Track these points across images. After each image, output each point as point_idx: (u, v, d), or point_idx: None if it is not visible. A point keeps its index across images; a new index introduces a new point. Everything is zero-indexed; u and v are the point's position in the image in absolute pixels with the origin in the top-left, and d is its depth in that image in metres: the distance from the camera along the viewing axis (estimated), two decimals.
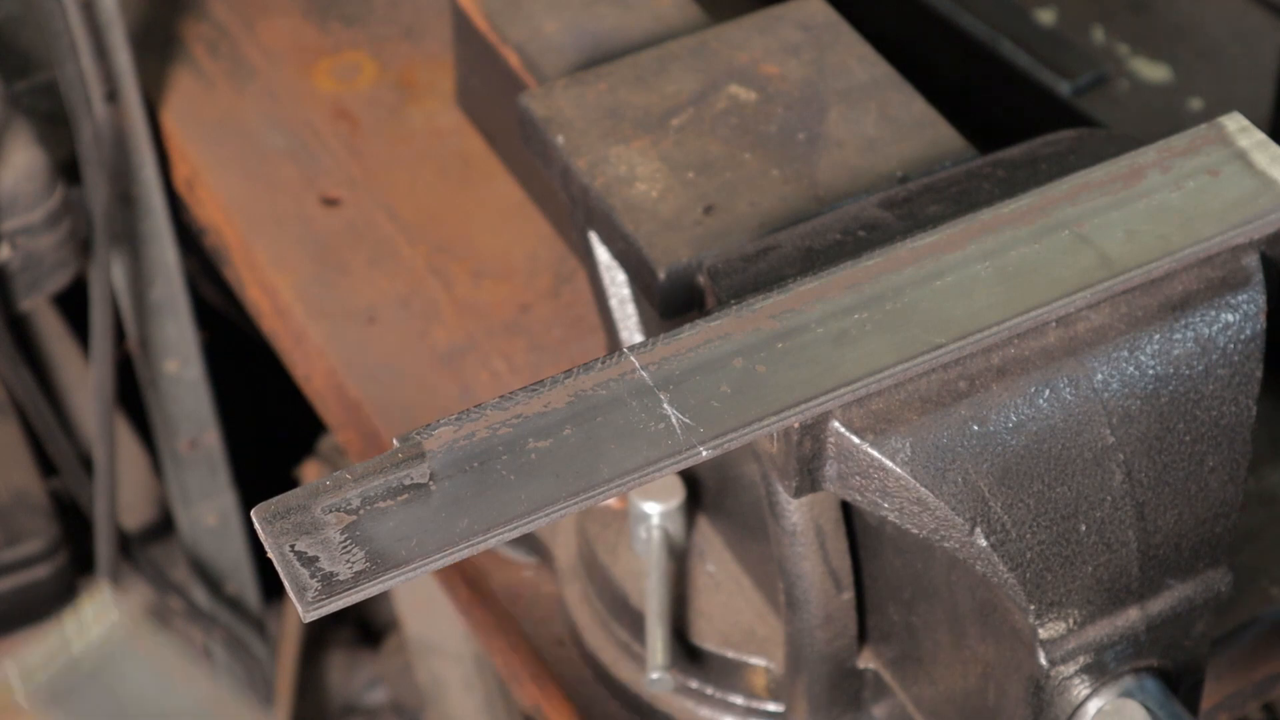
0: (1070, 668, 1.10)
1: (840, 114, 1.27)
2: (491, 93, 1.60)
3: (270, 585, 2.16)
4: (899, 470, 1.03)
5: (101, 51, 1.68)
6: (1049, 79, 1.70)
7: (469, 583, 1.45)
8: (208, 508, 2.05)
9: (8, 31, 1.85)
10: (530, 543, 1.40)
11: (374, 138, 1.71)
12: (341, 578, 0.90)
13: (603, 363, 0.97)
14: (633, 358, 0.97)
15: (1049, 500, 1.06)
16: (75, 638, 0.95)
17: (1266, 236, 1.07)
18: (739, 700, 1.27)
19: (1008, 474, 1.05)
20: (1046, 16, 1.76)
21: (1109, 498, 1.07)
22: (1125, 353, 1.07)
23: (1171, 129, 1.11)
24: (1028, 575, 1.06)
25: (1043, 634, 1.08)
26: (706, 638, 1.26)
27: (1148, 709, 1.10)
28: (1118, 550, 1.08)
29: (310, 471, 2.09)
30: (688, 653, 1.27)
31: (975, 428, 1.04)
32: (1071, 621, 1.09)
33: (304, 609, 0.90)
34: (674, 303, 1.18)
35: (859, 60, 1.31)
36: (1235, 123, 1.10)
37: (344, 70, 1.77)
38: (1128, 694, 1.11)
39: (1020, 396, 1.05)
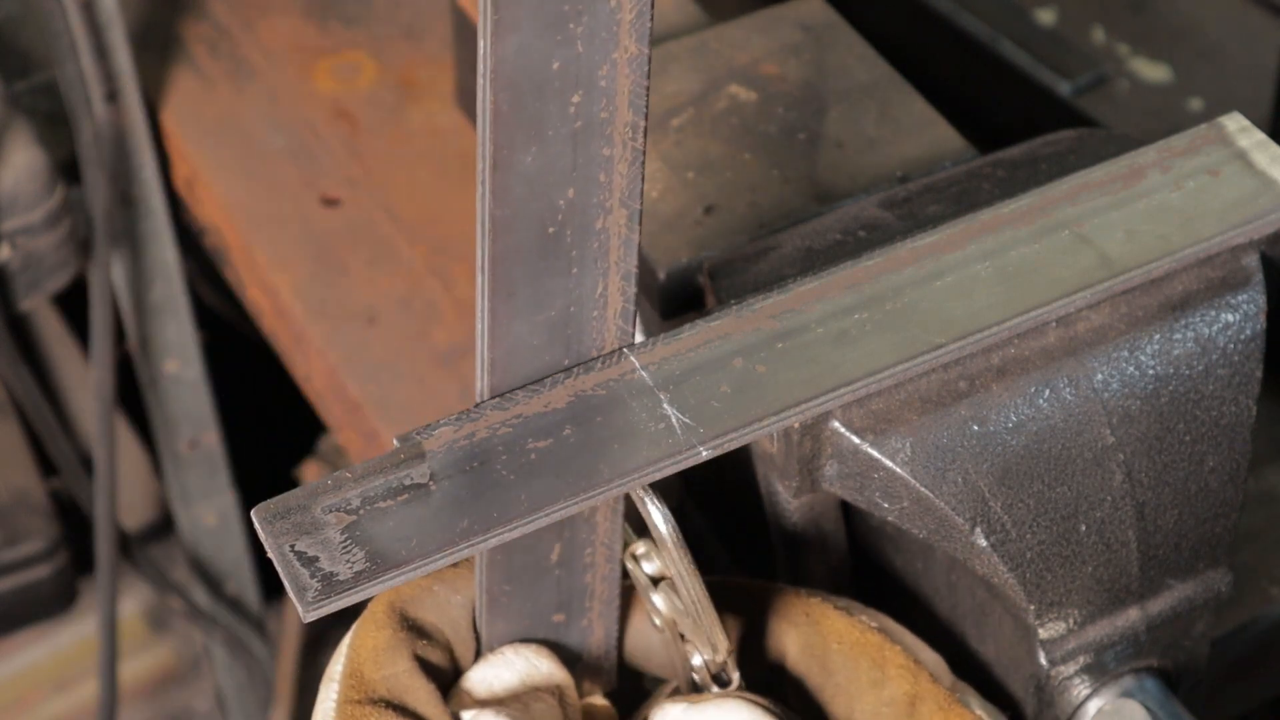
0: (1070, 668, 1.10)
1: (840, 114, 1.27)
2: None
3: (270, 585, 2.16)
4: (899, 470, 1.03)
5: (101, 51, 1.68)
6: (1049, 79, 1.70)
7: None
8: (208, 508, 2.05)
9: (8, 31, 1.85)
10: None
11: (374, 138, 1.71)
12: (341, 578, 0.90)
13: (603, 362, 0.97)
14: (633, 358, 0.97)
15: (1049, 500, 1.06)
16: None
17: (1266, 236, 1.07)
18: None
19: (1008, 474, 1.05)
20: (1046, 16, 1.77)
21: (1109, 498, 1.07)
22: (1125, 353, 1.07)
23: (1171, 129, 1.11)
24: (1028, 575, 1.06)
25: (1043, 634, 1.08)
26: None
27: (1148, 709, 1.10)
28: (1118, 550, 1.08)
29: (310, 471, 2.09)
30: None
31: (975, 428, 1.04)
32: (1071, 621, 1.09)
33: (304, 609, 0.90)
34: (674, 303, 1.18)
35: (859, 60, 1.31)
36: (1235, 123, 1.10)
37: (344, 70, 1.77)
38: (1128, 694, 1.11)
39: (1020, 396, 1.05)
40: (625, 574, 1.04)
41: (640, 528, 1.01)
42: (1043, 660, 1.09)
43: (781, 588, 1.08)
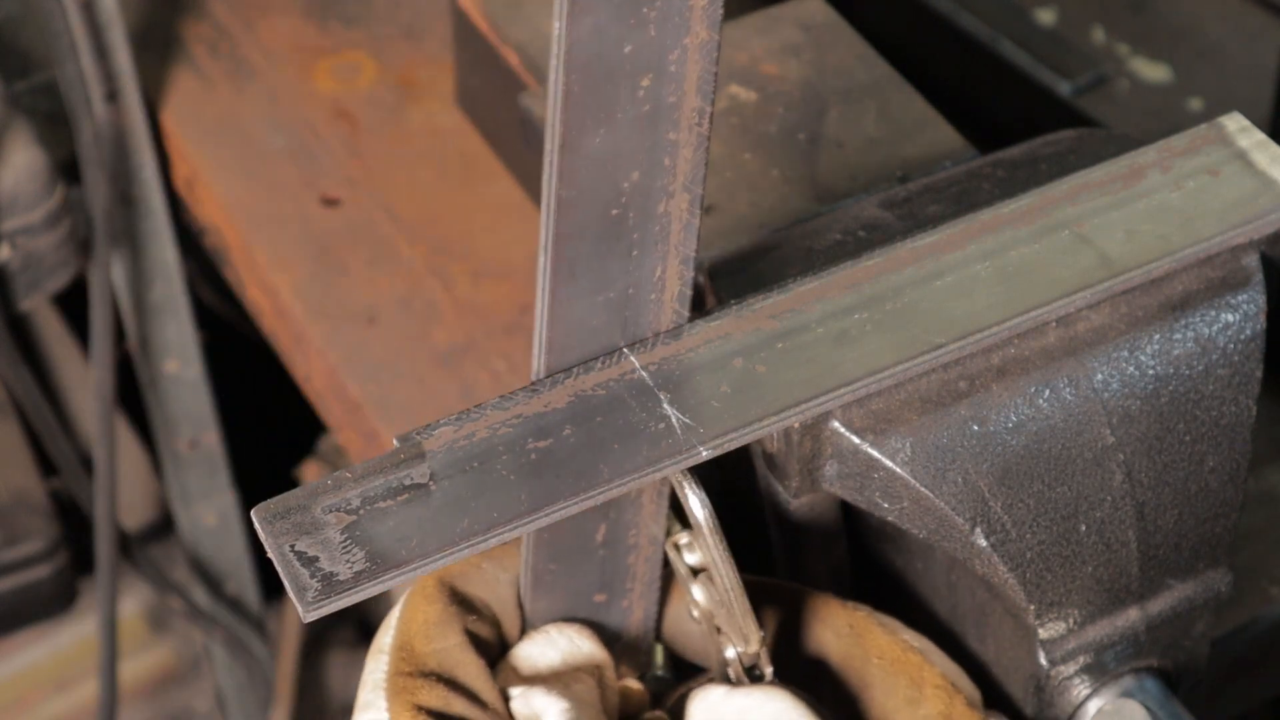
0: (1070, 668, 1.10)
1: (840, 114, 1.27)
2: (491, 93, 1.60)
3: (270, 585, 2.16)
4: (899, 470, 1.03)
5: (101, 51, 1.68)
6: (1049, 79, 1.70)
7: None
8: (208, 508, 2.05)
9: (8, 31, 1.85)
10: None
11: (374, 138, 1.71)
12: (341, 578, 0.90)
13: (603, 362, 0.97)
14: (633, 358, 0.97)
15: (1049, 500, 1.06)
16: None
17: (1266, 236, 1.07)
18: None
19: (1008, 474, 1.05)
20: (1046, 16, 1.77)
21: (1109, 498, 1.07)
22: (1125, 353, 1.07)
23: (1171, 129, 1.11)
24: (1028, 575, 1.06)
25: (1043, 634, 1.08)
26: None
27: (1148, 709, 1.10)
28: (1118, 550, 1.08)
29: (310, 471, 2.09)
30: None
31: (975, 428, 1.04)
32: (1071, 621, 1.09)
33: (304, 609, 0.90)
34: None
35: (859, 60, 1.31)
36: (1235, 123, 1.10)
37: (344, 70, 1.77)
38: (1128, 694, 1.11)
39: (1020, 396, 1.05)
40: (667, 562, 1.05)
41: (684, 517, 1.02)
42: (1043, 660, 1.09)
43: (828, 596, 1.09)
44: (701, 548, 1.01)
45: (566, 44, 0.86)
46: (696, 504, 0.99)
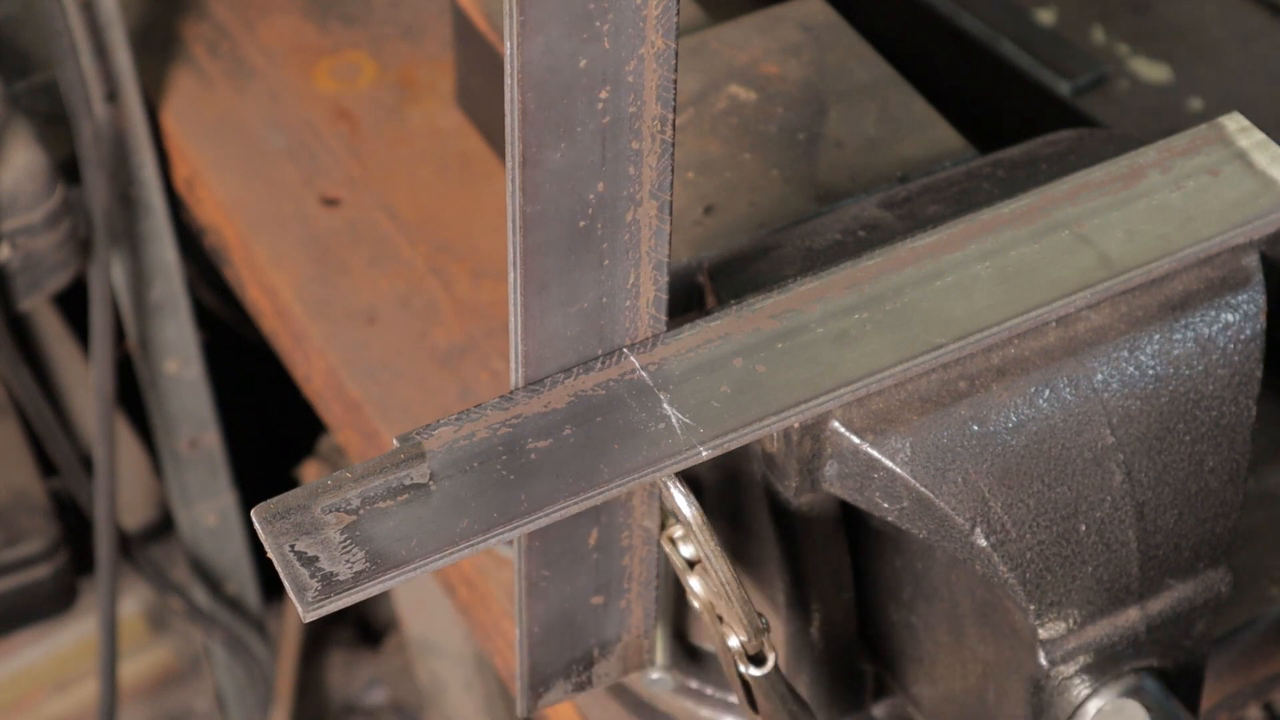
0: (1070, 668, 1.10)
1: (840, 114, 1.27)
2: (491, 93, 1.60)
3: (270, 585, 2.16)
4: (899, 470, 1.03)
5: (101, 51, 1.68)
6: (1049, 79, 1.69)
7: (469, 583, 1.45)
8: (208, 508, 2.05)
9: (8, 31, 1.85)
10: None
11: (374, 138, 1.71)
12: (341, 578, 0.90)
13: (603, 362, 0.97)
14: (633, 358, 0.97)
15: (1049, 500, 1.06)
16: None
17: (1266, 236, 1.07)
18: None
19: (1008, 474, 1.05)
20: (1046, 16, 1.76)
21: (1109, 498, 1.07)
22: (1125, 353, 1.07)
23: (1171, 129, 1.11)
24: (1028, 575, 1.06)
25: (1043, 634, 1.08)
26: (706, 638, 1.26)
27: (1148, 709, 1.10)
28: (1118, 550, 1.08)
29: (310, 471, 2.09)
30: (688, 653, 1.27)
31: (975, 428, 1.04)
32: (1071, 621, 1.09)
33: (304, 609, 0.90)
34: (674, 303, 1.18)
35: (859, 60, 1.31)
36: (1235, 123, 1.10)
37: (344, 70, 1.77)
38: (1128, 694, 1.11)
39: (1020, 396, 1.05)
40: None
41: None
42: (1043, 660, 1.09)
43: None
44: (694, 544, 1.01)
45: (519, 62, 0.87)
46: (683, 503, 0.99)
